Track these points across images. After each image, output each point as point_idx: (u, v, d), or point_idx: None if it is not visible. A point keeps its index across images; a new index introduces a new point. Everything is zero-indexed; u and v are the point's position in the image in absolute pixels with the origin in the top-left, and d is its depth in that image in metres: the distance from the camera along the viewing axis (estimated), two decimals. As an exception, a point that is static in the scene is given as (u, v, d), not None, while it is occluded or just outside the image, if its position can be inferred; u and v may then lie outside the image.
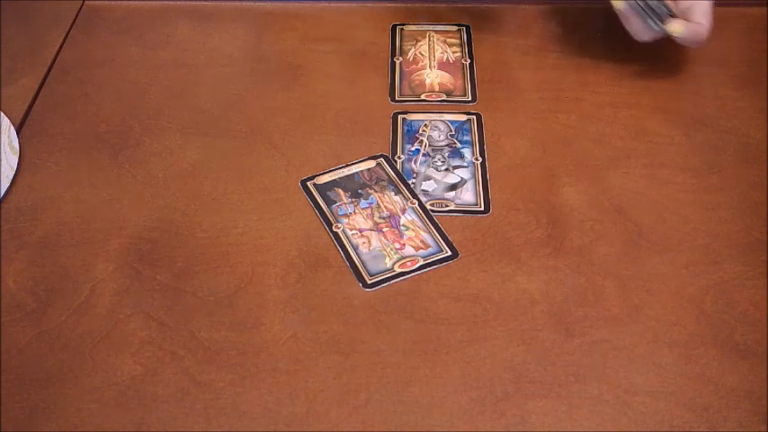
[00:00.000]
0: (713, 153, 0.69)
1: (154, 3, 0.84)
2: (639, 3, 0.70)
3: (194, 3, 0.85)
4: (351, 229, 0.63)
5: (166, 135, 0.71)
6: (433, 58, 0.79)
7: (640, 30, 0.72)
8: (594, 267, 0.60)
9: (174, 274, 0.60)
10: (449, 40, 0.81)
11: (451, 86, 0.75)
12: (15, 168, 0.67)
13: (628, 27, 0.72)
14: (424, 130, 0.71)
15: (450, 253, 0.61)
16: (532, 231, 0.63)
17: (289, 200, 0.65)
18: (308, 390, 0.53)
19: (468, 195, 0.65)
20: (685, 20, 0.71)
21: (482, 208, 0.64)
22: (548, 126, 0.71)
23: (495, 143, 0.70)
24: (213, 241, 0.62)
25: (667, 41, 0.72)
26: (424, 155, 0.69)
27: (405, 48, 0.80)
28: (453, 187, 0.66)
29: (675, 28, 0.70)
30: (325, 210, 0.64)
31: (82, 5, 0.85)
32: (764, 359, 0.55)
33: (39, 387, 0.54)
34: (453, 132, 0.71)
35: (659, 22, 0.71)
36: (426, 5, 0.85)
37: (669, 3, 0.71)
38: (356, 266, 0.60)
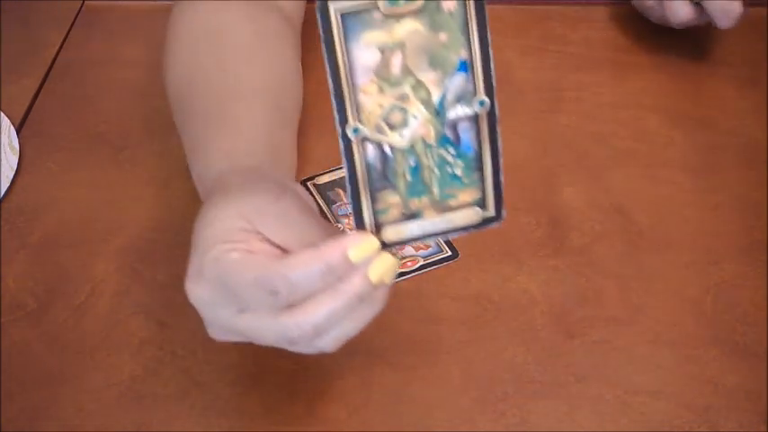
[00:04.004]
0: (713, 153, 0.69)
1: (154, 3, 0.84)
2: None
3: (194, 3, 0.85)
4: (351, 230, 0.62)
5: (166, 135, 0.71)
6: (433, 58, 0.78)
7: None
8: (594, 267, 0.60)
9: (174, 274, 0.60)
10: (449, 40, 0.81)
11: (451, 86, 0.75)
12: (15, 168, 0.67)
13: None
14: (424, 130, 0.71)
15: (450, 253, 0.61)
16: (532, 231, 0.63)
17: (289, 200, 0.65)
18: (308, 390, 0.53)
19: (468, 195, 0.65)
20: None
21: (482, 208, 0.64)
22: (548, 126, 0.71)
23: (495, 143, 0.70)
24: (213, 241, 0.62)
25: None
26: (424, 155, 0.68)
27: (405, 48, 0.80)
28: (453, 187, 0.66)
29: None
30: (326, 210, 0.64)
31: (82, 5, 0.85)
32: (764, 359, 0.55)
33: (39, 387, 0.54)
34: (453, 132, 0.70)
35: None
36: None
37: None
38: (356, 266, 0.60)
